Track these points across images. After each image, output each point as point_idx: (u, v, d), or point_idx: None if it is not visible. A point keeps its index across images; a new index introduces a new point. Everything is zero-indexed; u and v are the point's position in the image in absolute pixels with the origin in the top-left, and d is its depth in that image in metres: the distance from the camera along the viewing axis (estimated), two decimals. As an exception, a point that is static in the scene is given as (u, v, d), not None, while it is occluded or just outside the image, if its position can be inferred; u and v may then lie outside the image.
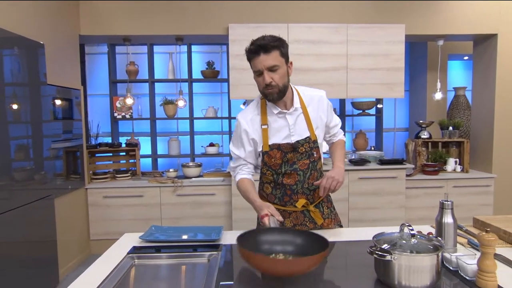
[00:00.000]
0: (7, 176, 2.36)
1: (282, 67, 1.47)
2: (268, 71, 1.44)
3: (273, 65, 1.43)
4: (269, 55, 1.42)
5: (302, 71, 3.51)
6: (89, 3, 3.51)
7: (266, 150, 1.56)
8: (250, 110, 1.63)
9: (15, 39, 2.49)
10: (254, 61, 1.45)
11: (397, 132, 5.13)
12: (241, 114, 1.63)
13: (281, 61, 1.46)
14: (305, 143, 1.57)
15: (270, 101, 1.54)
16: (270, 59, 1.42)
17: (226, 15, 3.52)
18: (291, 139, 1.57)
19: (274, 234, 1.24)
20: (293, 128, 1.57)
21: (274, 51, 1.43)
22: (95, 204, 3.55)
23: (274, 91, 1.47)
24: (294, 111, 1.58)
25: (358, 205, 3.52)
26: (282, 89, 1.49)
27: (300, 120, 1.59)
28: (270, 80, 1.44)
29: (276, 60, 1.44)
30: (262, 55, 1.42)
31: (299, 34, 3.48)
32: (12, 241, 2.37)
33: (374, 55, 3.53)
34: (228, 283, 1.12)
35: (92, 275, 1.21)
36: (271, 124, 1.57)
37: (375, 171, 3.51)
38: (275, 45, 1.43)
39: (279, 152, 1.56)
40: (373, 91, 3.57)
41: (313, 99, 1.63)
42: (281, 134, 1.57)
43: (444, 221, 1.32)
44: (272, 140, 1.57)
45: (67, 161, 3.24)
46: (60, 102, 3.12)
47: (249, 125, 1.59)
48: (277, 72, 1.45)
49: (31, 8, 2.76)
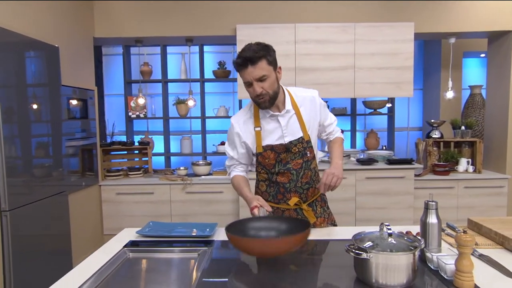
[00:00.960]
0: (26, 172, 2.51)
1: (270, 75, 1.49)
2: (257, 81, 1.47)
3: (261, 76, 1.46)
4: (256, 66, 1.44)
5: (309, 71, 3.53)
6: (104, 6, 3.64)
7: (259, 151, 1.61)
8: (243, 113, 1.68)
9: (32, 43, 2.63)
10: (242, 73, 1.49)
11: (410, 131, 5.05)
12: (234, 117, 1.68)
13: (269, 70, 1.48)
14: (298, 143, 1.61)
15: (263, 108, 1.57)
16: (258, 70, 1.45)
17: (234, 16, 3.58)
18: (284, 139, 1.61)
19: (260, 221, 1.32)
20: (286, 129, 1.61)
21: (261, 61, 1.45)
22: (108, 201, 3.68)
23: (265, 99, 1.51)
24: (286, 113, 1.61)
25: (365, 204, 3.51)
26: (273, 96, 1.53)
27: (293, 121, 1.62)
28: (261, 90, 1.48)
29: (263, 70, 1.46)
30: (250, 67, 1.44)
31: (306, 34, 3.49)
32: (29, 234, 2.52)
33: (382, 54, 3.50)
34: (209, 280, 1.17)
35: (88, 266, 1.29)
36: (264, 126, 1.62)
37: (382, 171, 3.49)
38: (260, 55, 1.45)
39: (272, 153, 1.60)
40: (382, 90, 3.54)
41: (305, 99, 1.66)
42: (274, 135, 1.61)
43: (428, 221, 1.33)
44: (265, 142, 1.61)
45: (81, 159, 3.39)
46: (74, 102, 3.26)
47: (241, 128, 1.64)
48: (266, 81, 1.48)
49: (47, 13, 2.91)
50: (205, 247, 1.44)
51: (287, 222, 1.32)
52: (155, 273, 1.31)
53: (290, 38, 3.50)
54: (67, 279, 1.19)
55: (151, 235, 1.59)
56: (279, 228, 1.30)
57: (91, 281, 1.16)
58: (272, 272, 1.20)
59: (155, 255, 1.44)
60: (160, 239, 1.56)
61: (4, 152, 2.33)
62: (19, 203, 2.46)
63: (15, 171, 2.44)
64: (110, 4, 3.64)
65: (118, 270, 1.31)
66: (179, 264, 1.38)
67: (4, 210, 2.36)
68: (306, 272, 1.22)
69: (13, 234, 2.40)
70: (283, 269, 1.23)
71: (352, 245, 1.15)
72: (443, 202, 3.57)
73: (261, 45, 1.48)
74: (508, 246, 1.41)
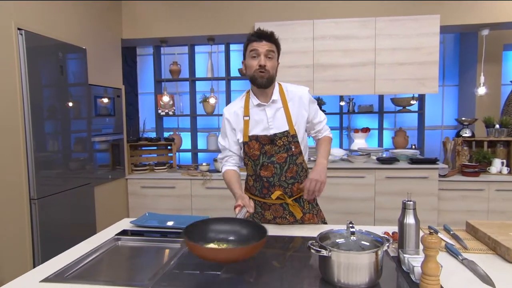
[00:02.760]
0: (53, 165, 2.74)
1: (275, 59, 1.62)
2: (265, 56, 1.57)
3: (271, 50, 1.58)
4: (270, 43, 1.58)
5: (328, 68, 3.47)
6: (131, 9, 3.84)
7: (245, 140, 1.65)
8: (235, 103, 1.74)
9: (62, 46, 2.86)
10: (254, 44, 1.58)
11: (444, 130, 4.79)
12: (226, 107, 1.75)
13: (276, 54, 1.63)
14: (283, 137, 1.63)
15: (258, 85, 1.61)
16: (270, 46, 1.58)
17: (252, 14, 3.61)
18: (269, 131, 1.63)
19: (224, 224, 1.31)
20: (272, 121, 1.64)
21: (274, 42, 1.61)
22: (134, 193, 3.89)
23: (265, 75, 1.58)
24: (272, 104, 1.65)
25: (385, 205, 3.40)
26: (271, 76, 1.60)
27: (280, 114, 1.65)
28: (265, 64, 1.56)
29: (274, 49, 1.60)
30: (264, 42, 1.57)
31: (325, 30, 3.44)
32: (56, 221, 2.75)
33: (405, 49, 3.36)
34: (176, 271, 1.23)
35: (78, 250, 1.41)
36: (253, 116, 1.66)
37: (403, 171, 3.36)
38: (275, 38, 1.62)
39: (257, 144, 1.63)
40: (404, 86, 3.40)
41: (295, 95, 1.68)
42: (260, 126, 1.65)
43: (406, 221, 1.29)
44: (252, 132, 1.65)
45: (109, 154, 3.61)
46: (102, 100, 3.49)
47: (232, 117, 1.70)
48: (271, 60, 1.59)
49: (76, 17, 3.13)
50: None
51: (249, 228, 1.29)
52: (132, 260, 1.40)
53: (308, 34, 3.47)
54: (53, 262, 1.31)
55: (143, 225, 1.68)
56: (239, 233, 1.28)
57: (72, 264, 1.27)
58: (237, 268, 1.22)
59: (141, 244, 1.53)
60: (151, 229, 1.65)
61: (32, 146, 2.56)
62: (47, 193, 2.70)
63: (43, 163, 2.66)
64: (137, 6, 3.83)
65: (102, 256, 1.41)
66: (158, 253, 1.45)
67: (33, 198, 2.60)
68: (271, 269, 1.23)
69: (40, 221, 2.63)
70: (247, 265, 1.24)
71: (315, 242, 1.15)
72: (471, 205, 3.37)
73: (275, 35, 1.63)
74: (500, 252, 1.32)
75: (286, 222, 1.71)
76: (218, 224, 1.31)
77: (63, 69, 2.89)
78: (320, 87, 3.54)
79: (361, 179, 3.40)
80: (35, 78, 2.59)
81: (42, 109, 2.66)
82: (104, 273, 1.30)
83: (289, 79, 3.54)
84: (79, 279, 1.20)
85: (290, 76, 3.53)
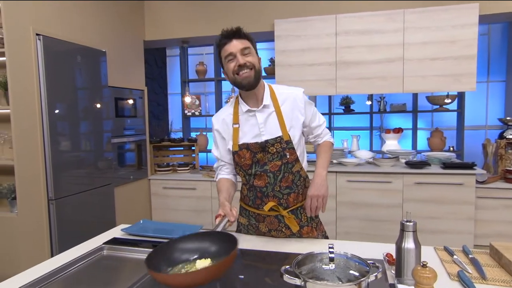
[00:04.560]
0: (72, 166, 2.80)
1: (253, 54, 1.47)
2: (241, 54, 1.43)
3: (245, 47, 1.43)
4: (241, 40, 1.43)
5: (352, 65, 3.26)
6: (153, 11, 3.86)
7: (235, 150, 1.53)
8: (223, 110, 1.62)
9: (79, 49, 2.91)
10: (226, 46, 1.44)
11: (489, 130, 4.35)
12: (214, 116, 1.64)
13: (253, 50, 1.47)
14: (275, 143, 1.49)
15: (246, 87, 1.46)
16: (243, 43, 1.43)
17: (271, 11, 3.48)
18: (261, 138, 1.50)
19: (190, 242, 1.18)
20: (263, 127, 1.50)
21: (246, 39, 1.45)
22: (156, 194, 3.92)
23: (250, 73, 1.43)
24: (264, 109, 1.51)
25: (414, 213, 3.13)
26: (257, 72, 1.46)
27: (272, 118, 1.51)
28: (244, 61, 1.42)
29: (248, 44, 1.44)
30: (235, 40, 1.42)
31: (348, 25, 3.23)
32: (74, 221, 2.81)
33: (437, 43, 3.06)
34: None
35: (61, 259, 1.38)
36: (243, 123, 1.53)
37: (435, 176, 3.06)
38: (247, 34, 1.46)
39: (248, 152, 1.50)
40: (436, 84, 3.10)
41: (288, 97, 1.53)
42: (251, 133, 1.51)
43: (404, 246, 1.11)
44: (242, 140, 1.52)
45: (131, 154, 3.66)
46: (123, 102, 3.53)
47: (220, 125, 1.58)
48: (249, 55, 1.44)
49: (95, 21, 3.18)
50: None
51: (219, 243, 1.16)
52: (110, 272, 1.34)
53: (330, 30, 3.27)
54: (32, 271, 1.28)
55: (133, 234, 1.63)
56: (208, 250, 1.16)
57: (46, 276, 1.23)
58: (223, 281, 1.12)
59: (126, 254, 1.47)
60: (141, 238, 1.59)
61: (50, 148, 2.63)
62: (65, 193, 2.76)
63: (61, 165, 2.73)
64: (159, 7, 3.84)
65: (82, 266, 1.36)
66: (139, 265, 1.38)
67: (51, 198, 2.68)
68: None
69: (58, 220, 2.70)
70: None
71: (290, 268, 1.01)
72: (515, 216, 3.00)
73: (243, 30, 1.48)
74: (524, 285, 1.10)
75: (282, 235, 1.58)
76: (185, 243, 1.18)
77: (81, 71, 2.94)
78: (344, 86, 3.33)
79: (387, 184, 3.15)
80: (52, 82, 2.65)
81: (59, 111, 2.72)
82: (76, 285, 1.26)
83: (310, 77, 3.37)
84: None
85: (311, 74, 3.35)
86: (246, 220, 1.64)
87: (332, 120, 4.56)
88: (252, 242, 1.53)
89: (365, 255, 1.35)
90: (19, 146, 2.46)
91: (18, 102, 2.45)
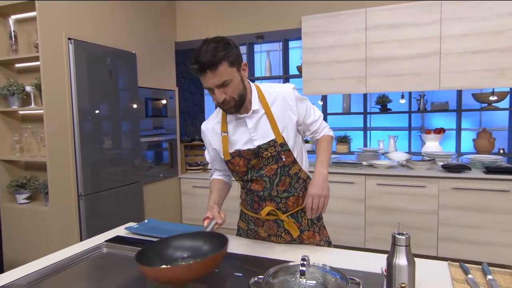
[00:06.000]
0: (101, 163, 2.94)
1: (234, 79, 1.30)
2: (219, 88, 1.29)
3: (222, 81, 1.27)
4: (216, 72, 1.25)
5: (382, 61, 3.06)
6: (184, 12, 3.93)
7: (227, 159, 1.46)
8: (211, 118, 1.54)
9: (109, 51, 3.04)
10: (202, 79, 1.31)
11: (549, 130, 3.87)
12: (204, 123, 1.56)
13: (231, 72, 1.28)
14: (269, 147, 1.41)
15: (230, 114, 1.41)
16: (218, 76, 1.25)
17: (298, 8, 3.38)
18: (253, 143, 1.42)
19: (183, 240, 1.21)
20: (254, 132, 1.42)
21: (221, 65, 1.25)
22: (186, 192, 3.99)
23: (230, 106, 1.34)
24: (254, 113, 1.42)
25: (451, 221, 2.87)
26: (238, 100, 1.34)
27: (263, 122, 1.42)
28: (224, 97, 1.30)
29: (225, 75, 1.26)
30: (209, 73, 1.25)
31: (378, 19, 3.04)
32: (103, 216, 2.94)
33: (479, 34, 2.77)
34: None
35: (59, 255, 1.42)
36: (232, 131, 1.46)
37: (476, 181, 2.78)
38: (220, 57, 1.25)
39: (241, 159, 1.43)
40: (477, 79, 2.81)
41: (278, 96, 1.44)
42: (242, 139, 1.44)
43: (395, 262, 0.98)
44: (234, 147, 1.45)
45: (161, 153, 3.76)
46: (154, 102, 3.63)
47: (210, 134, 1.52)
48: (229, 86, 1.29)
49: (126, 23, 3.31)
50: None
51: (211, 243, 1.18)
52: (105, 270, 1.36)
53: (360, 25, 3.09)
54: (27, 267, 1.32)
55: (135, 232, 1.65)
56: (200, 249, 1.17)
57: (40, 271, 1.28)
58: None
59: (125, 253, 1.48)
60: (142, 238, 1.61)
61: (80, 146, 2.77)
62: (94, 190, 2.90)
63: (90, 163, 2.86)
64: (190, 8, 3.90)
65: (79, 263, 1.40)
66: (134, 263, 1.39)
67: (80, 194, 2.82)
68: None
69: (87, 215, 2.84)
70: None
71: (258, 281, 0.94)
72: None
73: (220, 45, 1.27)
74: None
75: (282, 240, 1.50)
76: (178, 240, 1.21)
77: (111, 73, 3.06)
78: (374, 83, 3.14)
79: (421, 188, 2.92)
80: (83, 83, 2.79)
81: (89, 111, 2.85)
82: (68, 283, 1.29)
83: (338, 75, 3.22)
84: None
85: (339, 72, 3.20)
86: (245, 225, 1.60)
87: (368, 120, 4.34)
88: (245, 246, 1.48)
89: (362, 267, 1.24)
90: (51, 144, 2.61)
91: (50, 103, 2.60)
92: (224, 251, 1.05)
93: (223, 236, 1.14)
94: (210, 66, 1.23)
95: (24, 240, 2.78)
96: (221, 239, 1.14)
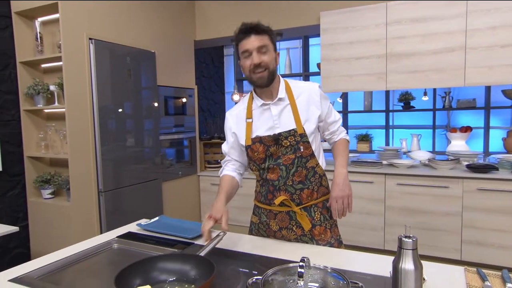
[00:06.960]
0: (121, 161, 3.01)
1: (271, 52, 1.43)
2: (257, 52, 1.40)
3: (263, 45, 1.39)
4: (259, 36, 1.40)
5: (403, 57, 2.96)
6: (203, 11, 3.95)
7: (248, 144, 1.50)
8: (238, 105, 1.61)
9: (129, 51, 3.10)
10: (243, 42, 1.43)
11: None
12: (229, 111, 1.63)
13: (271, 46, 1.43)
14: (289, 136, 1.45)
15: (260, 86, 1.47)
16: (261, 40, 1.40)
17: (317, 3, 3.32)
18: (274, 130, 1.47)
19: (171, 261, 1.15)
20: (277, 120, 1.47)
21: (265, 34, 1.42)
22: (205, 190, 4.02)
23: (264, 74, 1.42)
24: (279, 101, 1.49)
25: (476, 223, 2.74)
26: (271, 73, 1.43)
27: (287, 111, 1.48)
28: (260, 61, 1.39)
29: (266, 42, 1.41)
30: (253, 36, 1.39)
31: (400, 13, 2.93)
32: (122, 212, 3.01)
33: (509, 26, 2.61)
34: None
35: (71, 250, 1.46)
36: (256, 117, 1.51)
37: (502, 182, 2.64)
38: (266, 29, 1.42)
39: (261, 146, 1.47)
40: (506, 75, 2.66)
41: (304, 91, 1.51)
42: (264, 126, 1.49)
43: (402, 266, 0.94)
44: (255, 133, 1.50)
45: (180, 151, 3.80)
46: (173, 100, 3.68)
47: (233, 119, 1.57)
48: (266, 54, 1.41)
49: (146, 23, 3.36)
50: (178, 249, 1.43)
51: (198, 268, 1.11)
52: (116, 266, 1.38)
53: (380, 20, 3.00)
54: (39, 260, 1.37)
55: (146, 229, 1.67)
56: (187, 274, 1.11)
57: (50, 265, 1.31)
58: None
59: (136, 249, 1.50)
60: (153, 234, 1.62)
61: (100, 144, 2.84)
62: (114, 186, 2.97)
63: (110, 160, 2.94)
64: (209, 6, 3.92)
65: (88, 259, 1.43)
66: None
67: (101, 191, 2.90)
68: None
69: (107, 211, 2.92)
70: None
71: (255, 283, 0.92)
72: None
73: (265, 25, 1.44)
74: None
75: (292, 234, 1.50)
76: (166, 261, 1.15)
77: (131, 72, 3.12)
78: (395, 80, 3.03)
79: (444, 189, 2.80)
80: (103, 82, 2.86)
81: (109, 109, 2.92)
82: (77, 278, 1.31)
83: (358, 72, 3.14)
84: (47, 282, 1.22)
85: (359, 68, 3.12)
86: (257, 219, 1.62)
87: (390, 118, 4.22)
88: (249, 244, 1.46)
89: (372, 270, 1.20)
90: (73, 142, 2.70)
91: (72, 102, 2.68)
92: (210, 282, 0.99)
93: (211, 264, 1.08)
94: (256, 29, 1.40)
95: (48, 234, 2.89)
96: (210, 266, 1.07)
